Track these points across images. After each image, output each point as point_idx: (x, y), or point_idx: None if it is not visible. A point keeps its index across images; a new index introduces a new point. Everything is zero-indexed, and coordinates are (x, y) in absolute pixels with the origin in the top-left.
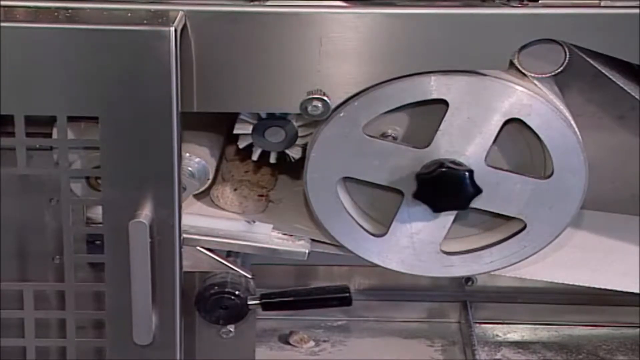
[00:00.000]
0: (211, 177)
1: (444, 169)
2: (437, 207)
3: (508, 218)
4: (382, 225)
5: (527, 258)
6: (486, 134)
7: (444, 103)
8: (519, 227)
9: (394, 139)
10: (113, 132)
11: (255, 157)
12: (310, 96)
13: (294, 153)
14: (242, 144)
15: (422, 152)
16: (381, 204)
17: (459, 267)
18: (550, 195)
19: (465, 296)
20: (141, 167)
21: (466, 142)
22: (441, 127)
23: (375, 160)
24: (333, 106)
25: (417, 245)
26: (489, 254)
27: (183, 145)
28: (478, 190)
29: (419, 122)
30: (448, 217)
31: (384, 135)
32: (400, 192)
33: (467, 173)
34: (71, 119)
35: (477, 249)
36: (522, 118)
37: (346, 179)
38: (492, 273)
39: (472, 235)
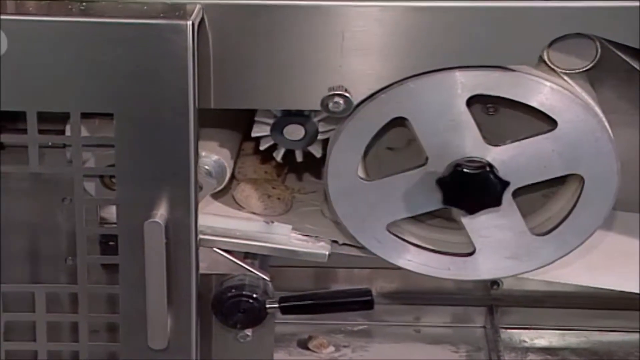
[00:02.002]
0: (228, 176)
1: (485, 171)
2: (450, 200)
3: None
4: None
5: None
6: (547, 171)
7: (550, 120)
8: (465, 250)
9: (493, 110)
10: (128, 129)
11: (279, 157)
12: (332, 92)
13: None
14: (263, 146)
15: (485, 148)
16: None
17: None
18: (529, 249)
19: (491, 300)
20: (157, 165)
21: (528, 167)
22: (526, 140)
23: (446, 128)
24: (355, 103)
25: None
26: (417, 252)
27: (200, 143)
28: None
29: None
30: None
31: (485, 106)
32: (420, 165)
33: (499, 185)
34: (85, 115)
35: (412, 243)
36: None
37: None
38: (519, 276)
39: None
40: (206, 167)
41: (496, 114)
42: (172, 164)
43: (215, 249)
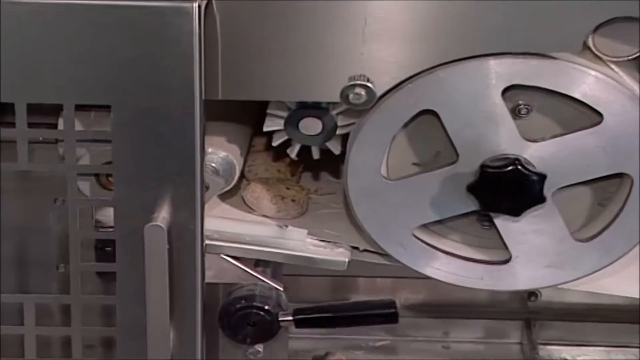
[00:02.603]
0: (238, 174)
1: (519, 168)
2: (487, 206)
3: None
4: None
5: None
6: (590, 170)
7: (595, 113)
8: (502, 257)
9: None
10: (127, 123)
11: (293, 154)
12: (353, 82)
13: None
14: (276, 141)
15: (522, 144)
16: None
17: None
18: (571, 256)
19: (528, 313)
20: (158, 163)
21: (570, 165)
22: (567, 136)
23: (479, 122)
24: (378, 94)
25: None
26: (446, 260)
27: (206, 138)
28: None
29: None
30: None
31: (517, 107)
32: (450, 163)
33: (535, 179)
34: (79, 107)
35: (441, 249)
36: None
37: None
38: (559, 286)
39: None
40: (213, 164)
41: (527, 115)
42: (176, 161)
43: (222, 256)
